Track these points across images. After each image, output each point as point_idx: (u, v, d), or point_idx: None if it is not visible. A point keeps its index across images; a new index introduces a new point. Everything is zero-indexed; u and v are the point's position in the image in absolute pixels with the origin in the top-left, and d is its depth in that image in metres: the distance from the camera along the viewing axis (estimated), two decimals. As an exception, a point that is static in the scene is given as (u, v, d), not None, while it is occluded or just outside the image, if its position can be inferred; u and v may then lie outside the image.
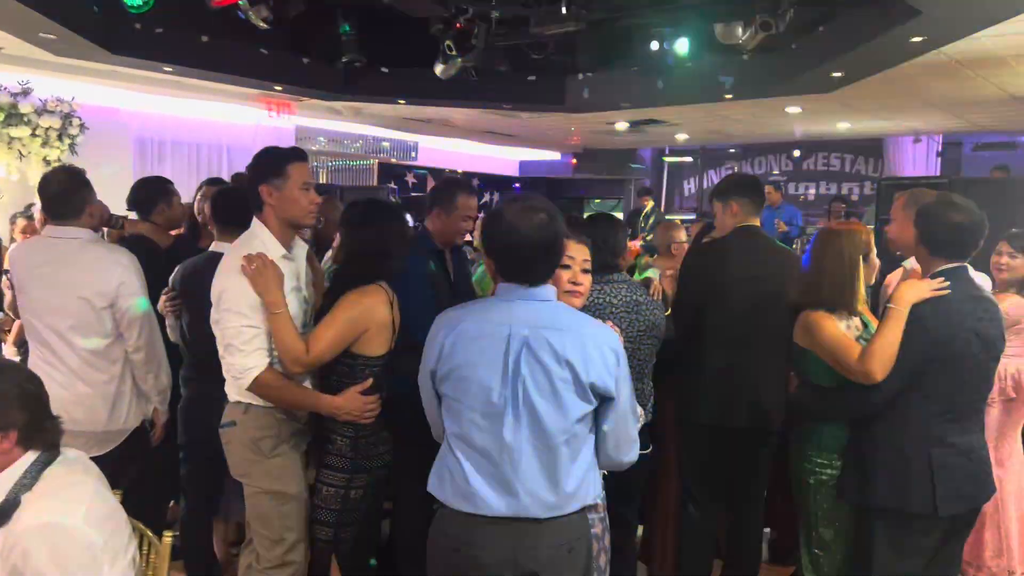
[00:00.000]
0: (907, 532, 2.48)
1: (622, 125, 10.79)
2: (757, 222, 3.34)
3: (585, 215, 5.27)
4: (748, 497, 3.38)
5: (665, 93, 7.17)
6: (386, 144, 12.47)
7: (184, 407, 3.26)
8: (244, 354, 2.44)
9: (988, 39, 5.48)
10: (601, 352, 1.90)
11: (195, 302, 3.04)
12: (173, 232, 3.92)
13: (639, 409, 2.28)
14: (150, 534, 1.98)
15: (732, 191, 3.35)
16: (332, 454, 2.60)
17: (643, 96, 7.65)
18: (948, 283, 2.42)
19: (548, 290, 1.97)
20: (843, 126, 10.54)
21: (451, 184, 3.37)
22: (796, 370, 2.82)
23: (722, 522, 3.47)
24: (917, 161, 11.91)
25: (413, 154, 12.94)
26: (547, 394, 1.87)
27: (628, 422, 1.99)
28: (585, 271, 2.34)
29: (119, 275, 2.98)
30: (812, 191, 13.62)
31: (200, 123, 9.79)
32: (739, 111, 9.35)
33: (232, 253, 2.54)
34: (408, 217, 3.26)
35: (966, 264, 2.50)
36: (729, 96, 7.21)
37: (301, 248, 2.77)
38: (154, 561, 1.92)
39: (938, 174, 11.09)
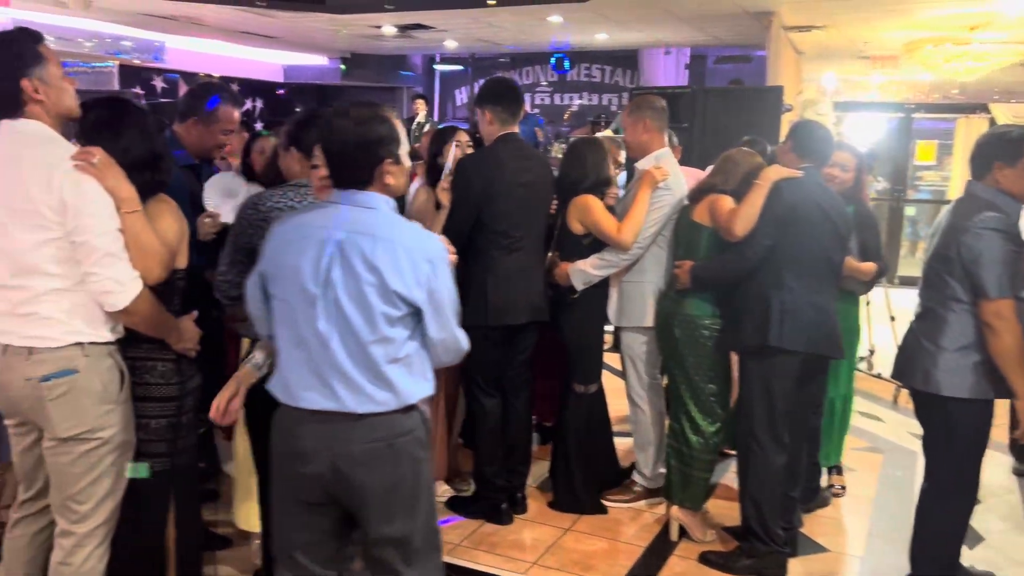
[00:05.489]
0: (771, 369, 3.06)
1: (389, 29, 10.48)
2: (515, 129, 3.45)
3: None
4: (524, 383, 3.64)
5: (428, -5, 7.02)
6: (127, 44, 11.20)
7: None
8: (125, 262, 2.14)
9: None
10: (413, 261, 1.94)
11: None
12: None
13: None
14: None
15: (485, 99, 3.42)
16: (155, 384, 2.40)
17: (407, -2, 7.44)
18: (802, 173, 3.10)
19: (373, 198, 2.00)
20: (601, 37, 10.96)
21: (210, 91, 3.09)
22: (687, 254, 3.30)
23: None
24: (668, 73, 12.70)
25: (160, 56, 11.75)
26: (355, 298, 1.93)
27: (452, 327, 2.07)
28: None
29: None
30: (576, 101, 14.13)
31: None
32: (504, 19, 9.40)
33: (44, 155, 2.11)
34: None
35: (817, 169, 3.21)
36: (492, 2, 7.20)
37: None
38: None
39: (685, 85, 11.93)
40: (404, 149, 2.04)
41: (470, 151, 3.65)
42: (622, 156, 4.14)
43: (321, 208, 2.05)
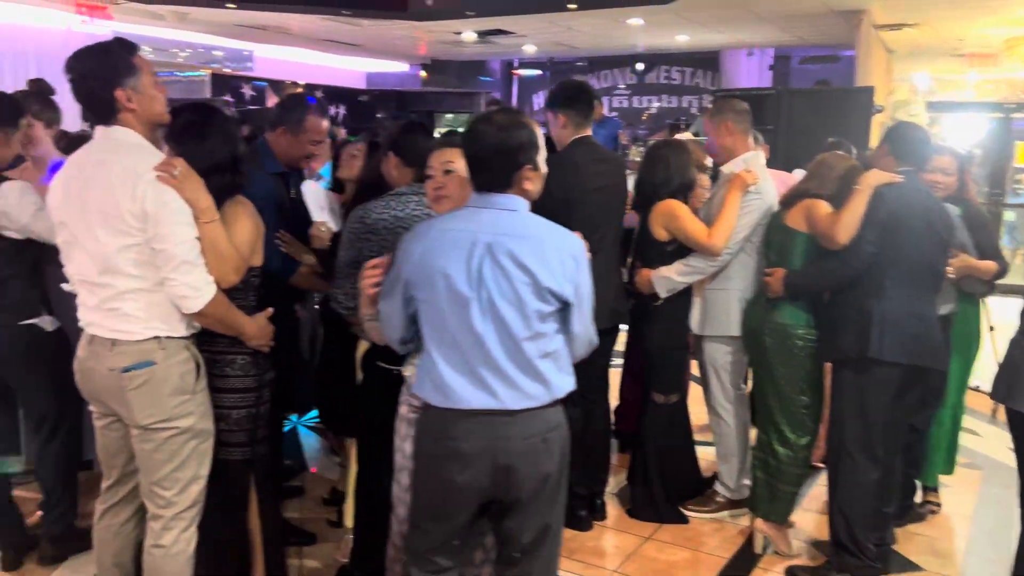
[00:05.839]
0: (869, 381, 2.97)
1: (470, 35, 10.60)
2: (589, 132, 3.41)
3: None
4: (602, 388, 3.62)
5: (509, 0, 7.06)
6: (219, 53, 11.66)
7: None
8: (201, 269, 2.25)
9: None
10: (560, 258, 2.01)
11: None
12: None
13: None
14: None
15: (558, 102, 3.38)
16: (235, 376, 2.52)
17: (487, 4, 7.50)
18: (903, 177, 3.00)
19: (514, 200, 2.05)
20: (682, 39, 10.83)
21: (300, 102, 3.18)
22: (779, 260, 3.21)
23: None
24: (750, 74, 12.46)
25: (249, 64, 12.17)
26: (509, 297, 1.98)
27: (590, 321, 2.13)
28: (448, 172, 2.37)
29: None
30: (655, 104, 14.00)
31: (1, 28, 8.74)
32: (583, 22, 9.38)
33: (131, 165, 2.21)
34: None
35: (916, 172, 3.09)
36: (572, 6, 7.19)
37: None
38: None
39: (769, 86, 11.66)
40: (542, 155, 2.08)
41: None
42: (709, 160, 4.06)
43: (462, 212, 2.10)
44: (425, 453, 2.12)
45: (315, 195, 3.15)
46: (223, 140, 2.45)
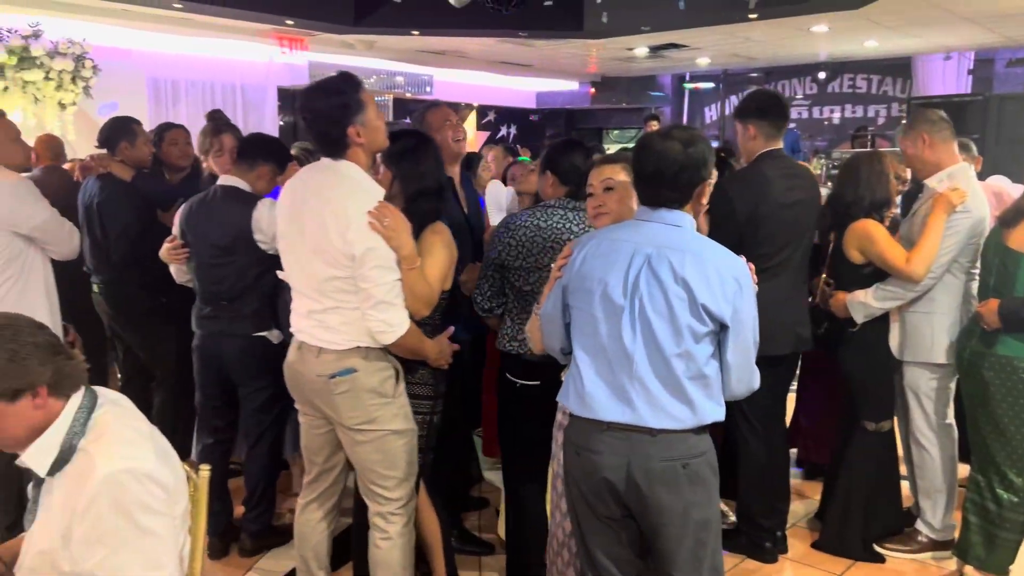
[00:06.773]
0: None
1: (642, 51, 10.51)
2: (780, 144, 3.27)
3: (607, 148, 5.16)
4: (781, 415, 3.45)
5: (686, 14, 6.95)
6: (400, 79, 12.27)
7: (200, 345, 3.27)
8: (397, 308, 2.38)
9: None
10: (721, 277, 1.96)
11: (205, 246, 3.18)
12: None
13: None
14: (187, 468, 1.99)
15: (749, 113, 3.25)
16: (415, 383, 2.65)
17: (664, 18, 7.43)
18: None
19: (681, 216, 2.04)
20: (871, 45, 10.20)
21: (422, 108, 3.33)
22: (1000, 286, 2.90)
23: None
24: (947, 80, 11.52)
25: (428, 88, 12.73)
26: (661, 309, 1.95)
27: (750, 354, 2.04)
28: (608, 189, 2.41)
29: None
30: (837, 114, 13.27)
31: (213, 62, 9.69)
32: (762, 31, 9.05)
33: (345, 207, 2.34)
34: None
35: None
36: (754, 16, 6.97)
37: None
38: (193, 495, 1.94)
39: (970, 92, 10.74)
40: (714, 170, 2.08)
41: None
42: (908, 172, 3.79)
43: (627, 223, 2.12)
44: (568, 461, 2.12)
45: (497, 197, 3.23)
46: (435, 166, 2.60)
